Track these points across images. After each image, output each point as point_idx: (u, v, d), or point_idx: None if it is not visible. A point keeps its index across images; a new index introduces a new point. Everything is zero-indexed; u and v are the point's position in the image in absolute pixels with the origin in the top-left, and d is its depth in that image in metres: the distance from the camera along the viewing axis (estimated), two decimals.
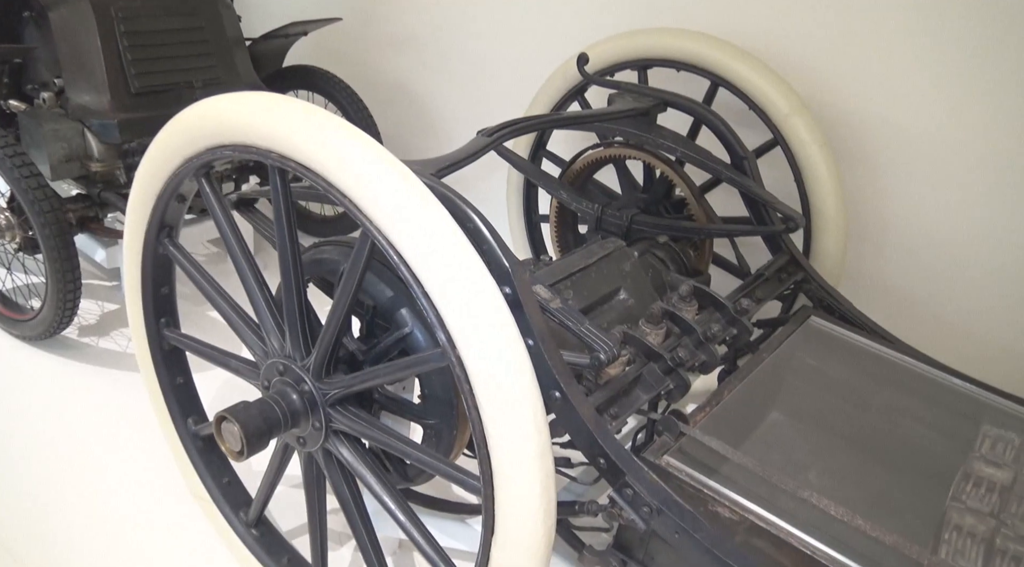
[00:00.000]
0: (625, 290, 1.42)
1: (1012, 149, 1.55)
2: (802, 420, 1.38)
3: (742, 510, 1.05)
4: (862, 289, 1.71)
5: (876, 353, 1.47)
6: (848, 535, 1.05)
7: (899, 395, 1.41)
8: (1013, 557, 1.07)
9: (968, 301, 1.65)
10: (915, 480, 1.25)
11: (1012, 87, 1.52)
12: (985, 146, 1.57)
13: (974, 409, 1.35)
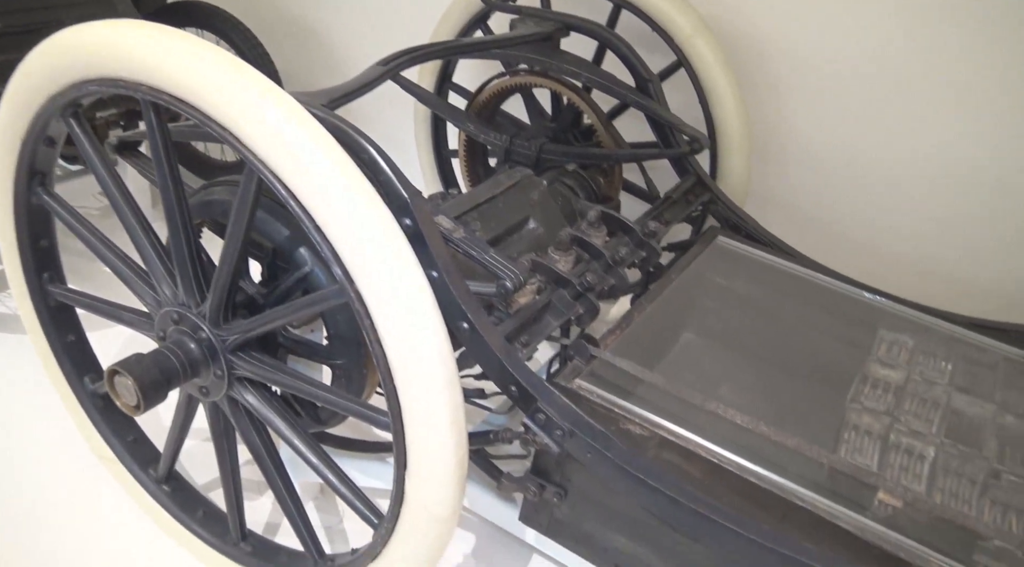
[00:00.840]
0: (534, 219, 1.40)
1: (908, 72, 1.58)
2: (712, 338, 1.41)
3: (652, 426, 1.07)
4: (767, 208, 1.74)
5: (781, 268, 1.51)
6: (754, 442, 1.08)
7: (803, 307, 1.45)
8: (906, 449, 1.12)
9: (866, 215, 1.70)
10: (818, 387, 1.29)
11: (910, 11, 1.54)
12: (882, 68, 1.60)
13: (872, 316, 1.40)
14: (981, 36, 1.49)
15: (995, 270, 1.57)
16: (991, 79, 1.50)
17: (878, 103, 1.64)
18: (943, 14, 1.51)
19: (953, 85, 1.54)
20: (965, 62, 1.52)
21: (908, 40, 1.55)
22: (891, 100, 1.61)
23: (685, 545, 1.09)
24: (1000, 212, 1.55)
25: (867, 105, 1.65)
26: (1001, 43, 1.47)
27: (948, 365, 1.29)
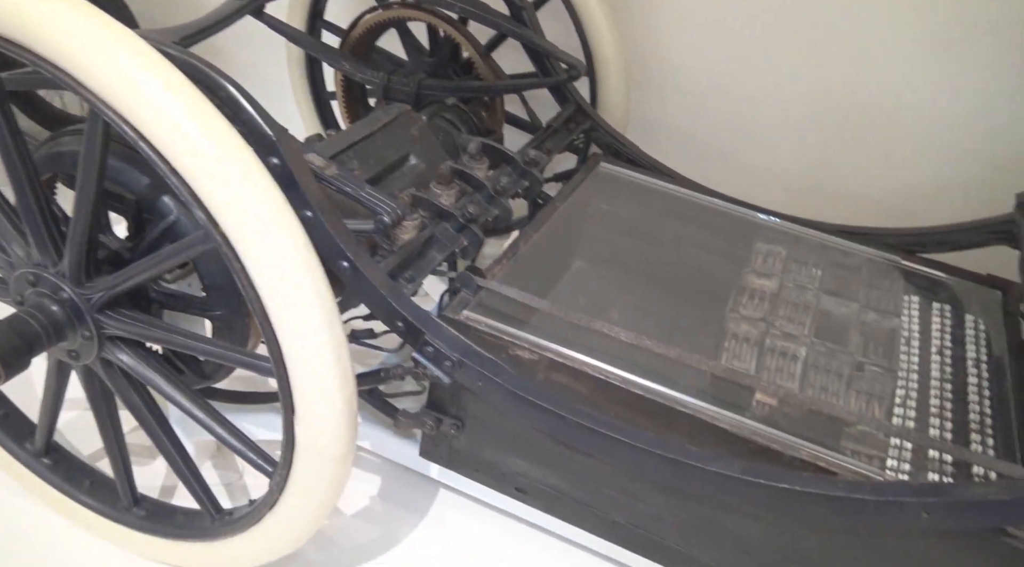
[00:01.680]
0: (415, 155, 1.38)
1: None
2: (598, 262, 1.44)
3: (541, 350, 1.09)
4: (648, 133, 1.76)
5: (662, 190, 1.54)
6: (639, 357, 1.11)
7: (684, 227, 1.50)
8: (780, 352, 1.19)
9: (743, 134, 1.75)
10: (701, 301, 1.34)
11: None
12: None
13: (749, 230, 1.46)
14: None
15: (858, 181, 1.66)
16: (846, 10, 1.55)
17: (751, 29, 1.67)
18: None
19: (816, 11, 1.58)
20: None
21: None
22: (763, 25, 1.64)
23: (579, 460, 1.13)
24: (856, 129, 1.63)
25: (740, 31, 1.68)
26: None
27: (818, 271, 1.37)
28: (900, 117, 1.60)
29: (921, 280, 1.35)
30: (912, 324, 1.26)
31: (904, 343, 1.22)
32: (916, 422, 1.08)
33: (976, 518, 0.86)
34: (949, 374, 1.17)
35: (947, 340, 1.23)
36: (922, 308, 1.29)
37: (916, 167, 1.62)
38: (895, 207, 1.57)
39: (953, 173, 1.58)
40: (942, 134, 1.58)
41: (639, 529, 1.13)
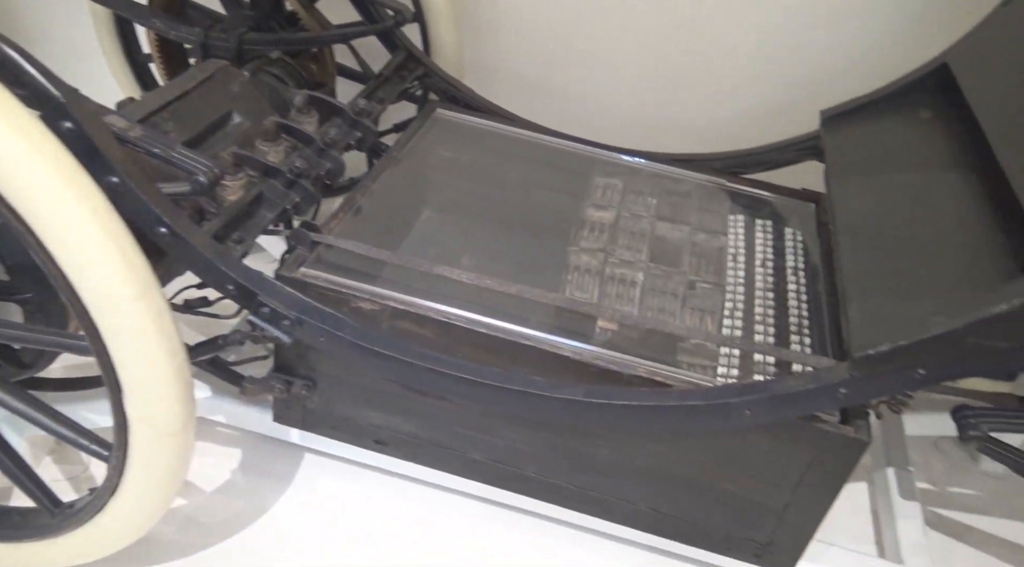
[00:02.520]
0: (239, 113, 1.31)
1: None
2: (443, 209, 1.43)
3: (383, 300, 1.08)
4: (486, 76, 1.76)
5: (502, 133, 1.55)
6: (485, 298, 1.13)
7: (526, 168, 1.51)
8: (619, 279, 1.23)
9: (578, 72, 1.78)
10: (545, 239, 1.37)
11: None
12: None
13: (588, 166, 1.49)
14: None
15: (688, 111, 1.73)
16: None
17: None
18: None
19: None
20: None
21: None
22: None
23: (433, 405, 1.14)
24: (685, 61, 1.69)
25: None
26: None
27: (652, 199, 1.42)
28: (725, 48, 1.67)
29: (745, 199, 1.44)
30: (738, 241, 1.34)
31: (731, 259, 1.30)
32: (743, 330, 1.15)
33: (790, 409, 0.93)
34: (771, 283, 1.25)
35: (769, 252, 1.32)
36: (747, 225, 1.37)
37: (740, 94, 1.70)
38: (722, 133, 1.65)
39: (772, 97, 1.67)
40: (763, 62, 1.67)
41: (500, 464, 1.16)
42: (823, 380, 0.91)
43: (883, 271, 0.99)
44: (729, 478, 1.07)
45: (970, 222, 1.00)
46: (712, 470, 1.07)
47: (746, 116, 1.67)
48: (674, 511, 1.12)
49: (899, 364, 0.86)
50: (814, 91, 1.43)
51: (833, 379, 0.91)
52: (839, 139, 1.31)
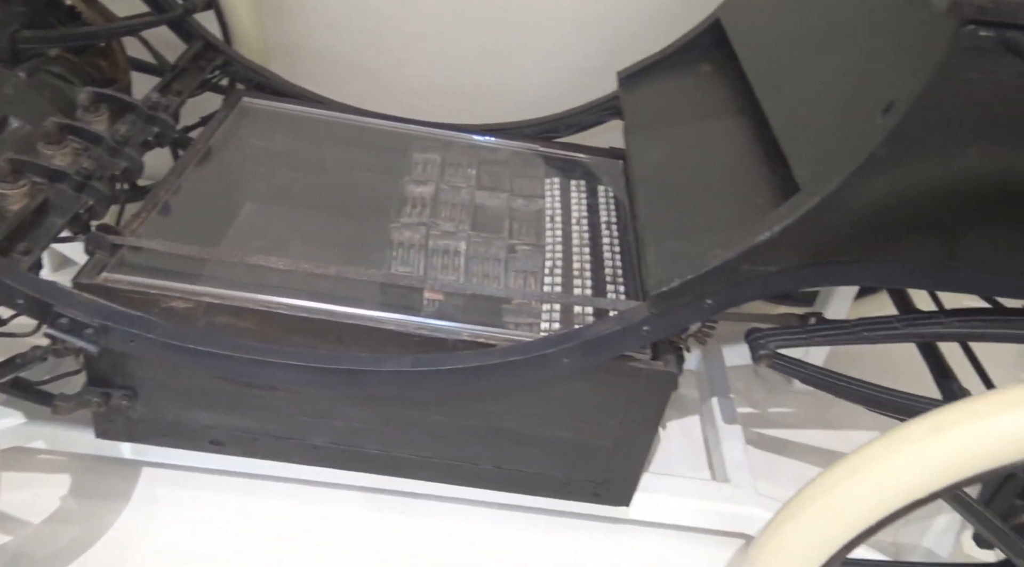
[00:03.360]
0: (17, 117, 1.22)
1: None
2: (260, 200, 1.40)
3: (197, 296, 1.05)
4: (296, 61, 1.72)
5: (315, 118, 1.52)
6: (305, 282, 1.12)
7: (343, 150, 1.50)
8: (443, 251, 1.26)
9: (389, 49, 1.76)
10: (368, 219, 1.36)
11: None
12: None
13: (405, 143, 1.50)
14: None
15: (500, 79, 1.77)
16: None
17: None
18: None
19: None
20: None
21: None
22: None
23: (265, 396, 1.12)
24: (493, 30, 1.73)
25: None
26: None
27: (471, 170, 1.45)
28: (531, 14, 1.72)
29: (559, 162, 1.50)
30: (555, 203, 1.40)
31: (549, 220, 1.35)
32: (563, 286, 1.21)
33: (602, 351, 1.00)
34: (587, 239, 1.32)
35: (584, 211, 1.38)
36: (562, 187, 1.43)
37: (549, 59, 1.76)
38: (535, 99, 1.70)
39: (580, 61, 1.74)
40: (568, 27, 1.73)
41: (341, 446, 1.16)
42: (628, 321, 0.98)
43: (673, 216, 1.07)
44: (561, 426, 1.12)
45: (744, 163, 1.10)
46: (545, 420, 1.12)
47: (556, 81, 1.73)
48: (515, 465, 1.16)
49: (689, 297, 0.94)
50: (621, 53, 1.50)
51: (636, 319, 0.98)
52: (635, 98, 1.39)
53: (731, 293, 0.94)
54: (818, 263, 0.92)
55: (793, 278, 0.93)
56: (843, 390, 1.01)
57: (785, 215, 0.88)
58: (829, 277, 0.94)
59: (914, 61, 0.80)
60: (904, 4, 0.87)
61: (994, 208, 0.87)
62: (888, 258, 0.93)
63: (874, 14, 0.96)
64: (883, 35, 0.91)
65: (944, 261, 0.93)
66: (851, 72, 0.95)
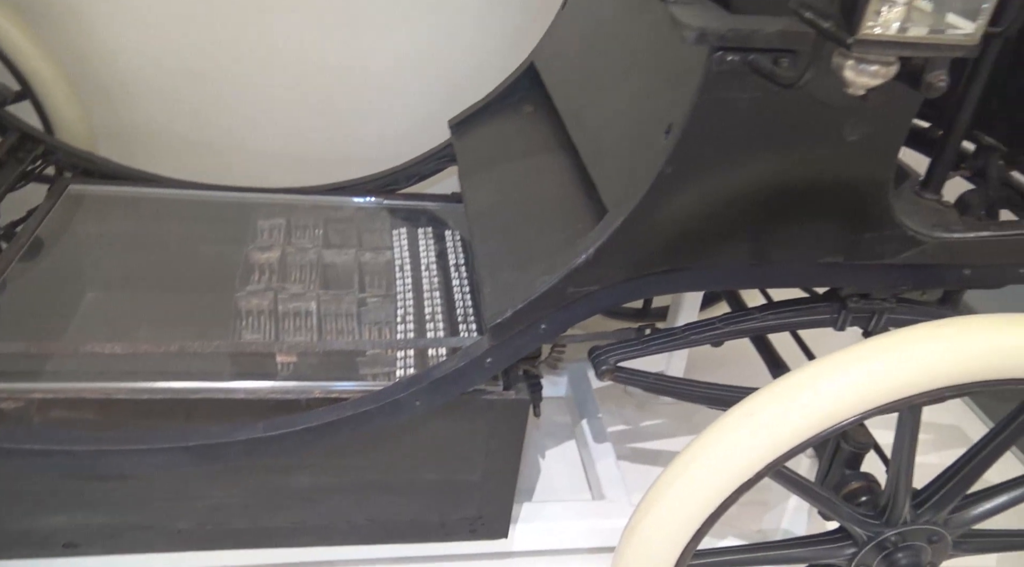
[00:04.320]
0: None
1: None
2: (101, 287, 1.36)
3: (27, 394, 1.00)
4: (129, 143, 1.69)
5: (151, 197, 1.50)
6: (149, 363, 1.10)
7: (184, 226, 1.48)
8: (294, 313, 1.26)
9: (227, 120, 1.76)
10: (215, 292, 1.35)
11: None
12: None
13: (249, 211, 1.49)
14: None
15: (341, 140, 1.80)
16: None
17: (201, 16, 1.65)
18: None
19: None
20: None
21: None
22: (209, 9, 1.64)
23: (116, 486, 1.08)
24: (331, 94, 1.76)
25: (193, 19, 1.65)
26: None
27: (318, 230, 1.47)
28: (367, 78, 1.76)
29: (404, 212, 1.53)
30: (403, 252, 1.43)
31: (399, 270, 1.38)
32: (416, 331, 1.24)
33: (451, 388, 1.03)
34: (438, 283, 1.35)
35: (432, 256, 1.42)
36: (409, 236, 1.47)
37: (387, 117, 1.80)
38: (378, 155, 1.73)
39: (417, 114, 1.79)
40: (404, 84, 1.78)
41: (207, 526, 1.13)
42: (471, 355, 1.01)
43: (506, 250, 1.12)
44: (428, 468, 1.14)
45: (567, 193, 1.17)
46: (411, 466, 1.13)
47: (399, 133, 1.77)
48: (389, 515, 1.16)
49: (524, 324, 0.99)
50: (452, 105, 1.56)
51: (478, 352, 1.01)
52: (466, 143, 1.45)
53: (562, 315, 0.99)
54: (636, 277, 0.99)
55: (616, 294, 0.99)
56: (681, 393, 1.08)
57: (598, 237, 0.95)
58: (649, 288, 1.02)
59: (683, 86, 0.89)
60: (672, 38, 0.96)
61: (777, 208, 0.96)
62: (700, 265, 1.01)
63: (655, 48, 1.06)
64: (662, 66, 1.01)
65: (750, 262, 1.02)
66: (640, 101, 1.03)
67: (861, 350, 0.82)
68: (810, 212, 0.97)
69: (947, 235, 1.01)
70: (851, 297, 1.07)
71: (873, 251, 1.00)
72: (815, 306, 1.09)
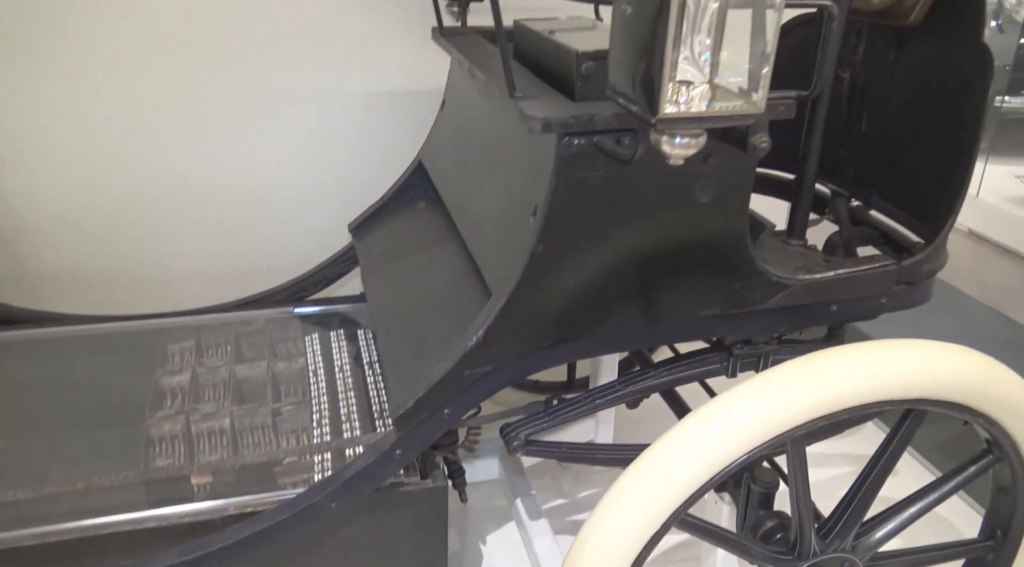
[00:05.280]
0: None
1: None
2: (5, 435, 1.33)
3: None
4: (34, 286, 1.69)
5: (55, 337, 1.49)
6: (55, 505, 1.07)
7: (93, 361, 1.47)
8: (207, 433, 1.25)
9: (125, 250, 1.76)
10: (127, 423, 1.33)
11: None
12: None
13: (157, 337, 1.50)
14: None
15: (253, 253, 1.83)
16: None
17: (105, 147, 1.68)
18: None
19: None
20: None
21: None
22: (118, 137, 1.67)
23: None
24: (238, 210, 1.80)
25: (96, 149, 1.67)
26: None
27: (229, 347, 1.47)
28: (269, 193, 1.81)
29: (315, 318, 1.56)
30: (316, 357, 1.45)
31: (312, 375, 1.40)
32: (332, 434, 1.24)
33: (365, 485, 1.04)
34: (351, 384, 1.37)
35: (345, 357, 1.44)
36: (322, 340, 1.49)
37: (291, 227, 1.85)
38: (287, 264, 1.77)
39: (320, 221, 1.84)
40: (305, 195, 1.83)
41: None
42: (380, 450, 1.03)
43: (407, 342, 1.16)
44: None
45: (460, 282, 1.22)
46: None
47: (309, 242, 1.82)
48: None
49: (426, 412, 1.02)
50: (356, 210, 1.62)
51: (387, 446, 1.03)
52: (366, 244, 1.50)
53: (463, 398, 1.02)
54: (529, 352, 1.03)
55: (512, 371, 1.03)
56: (593, 458, 1.11)
57: (485, 319, 0.99)
58: (544, 361, 1.06)
59: (542, 171, 0.96)
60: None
61: (651, 271, 1.03)
62: (589, 333, 1.06)
63: (516, 139, 1.14)
64: (523, 155, 1.08)
65: (634, 324, 1.07)
66: (510, 188, 1.11)
67: (737, 394, 0.87)
68: (681, 271, 1.04)
69: (809, 276, 1.09)
70: (735, 344, 1.13)
71: (745, 299, 1.07)
72: (705, 357, 1.15)
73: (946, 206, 1.13)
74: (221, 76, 1.66)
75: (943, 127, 1.17)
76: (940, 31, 1.17)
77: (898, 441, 0.96)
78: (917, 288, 1.14)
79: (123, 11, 1.57)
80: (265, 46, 1.65)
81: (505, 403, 1.36)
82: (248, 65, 1.66)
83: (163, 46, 1.61)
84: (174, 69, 1.64)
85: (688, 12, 0.64)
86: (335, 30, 1.67)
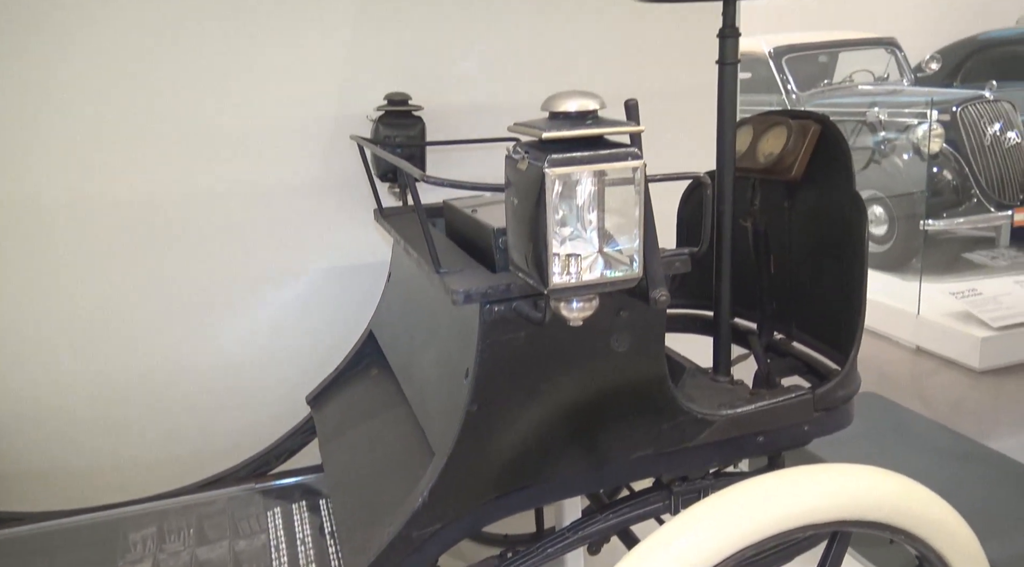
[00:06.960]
0: None
1: None
2: None
3: None
4: None
5: (12, 537, 1.49)
6: None
7: (55, 560, 1.46)
8: None
9: (85, 444, 1.79)
10: None
11: None
12: None
13: (119, 526, 1.50)
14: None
15: (203, 439, 1.87)
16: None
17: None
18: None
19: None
20: None
21: None
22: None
23: None
24: (190, 399, 1.86)
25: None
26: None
27: (191, 530, 1.48)
28: (225, 373, 1.87)
29: (278, 491, 1.58)
30: (279, 531, 1.46)
31: (275, 550, 1.40)
32: None
33: None
34: (313, 555, 1.38)
35: (307, 529, 1.46)
36: (284, 514, 1.51)
37: (251, 404, 1.89)
38: (247, 441, 1.79)
39: (279, 395, 1.90)
40: (261, 369, 1.89)
41: None
42: None
43: (361, 509, 1.19)
44: None
45: (408, 445, 1.27)
46: None
47: (262, 419, 1.86)
48: None
49: None
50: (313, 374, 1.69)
51: None
52: (323, 413, 1.56)
53: (414, 559, 1.05)
54: (476, 507, 1.08)
55: (461, 527, 1.07)
56: None
57: (429, 480, 1.05)
58: (492, 515, 1.10)
59: (470, 336, 1.06)
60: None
61: (583, 419, 1.10)
62: (533, 483, 1.11)
63: (451, 309, 1.23)
64: (455, 322, 1.18)
65: (575, 470, 1.13)
66: (446, 353, 1.19)
67: (653, 541, 0.91)
68: (610, 417, 1.11)
69: (732, 411, 1.17)
70: (673, 482, 1.19)
71: (674, 438, 1.14)
72: (647, 497, 1.20)
73: (849, 335, 1.24)
74: (185, 267, 1.78)
75: (836, 264, 1.30)
76: (820, 183, 1.33)
77: (831, 562, 1.00)
78: (836, 414, 1.22)
79: (97, 205, 1.69)
80: (227, 236, 1.78)
81: (468, 558, 1.37)
82: (210, 257, 1.78)
83: (123, 241, 1.73)
84: (137, 260, 1.75)
85: (564, 200, 0.76)
86: (291, 216, 1.82)
